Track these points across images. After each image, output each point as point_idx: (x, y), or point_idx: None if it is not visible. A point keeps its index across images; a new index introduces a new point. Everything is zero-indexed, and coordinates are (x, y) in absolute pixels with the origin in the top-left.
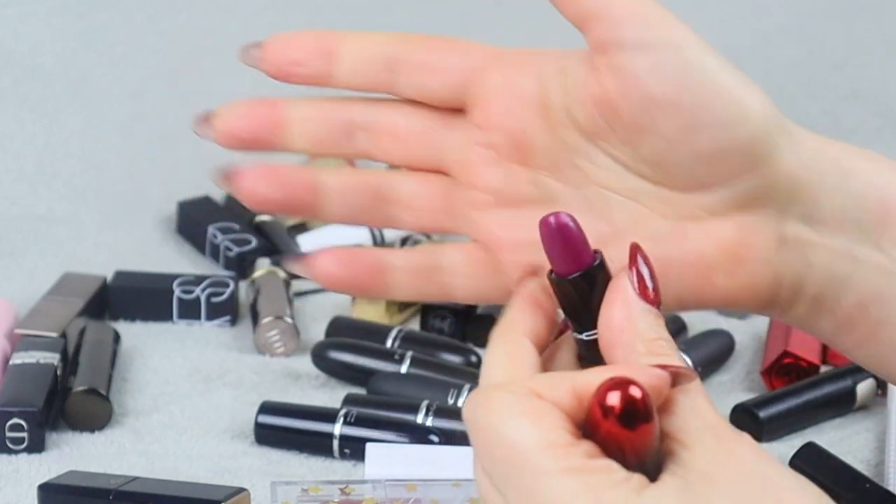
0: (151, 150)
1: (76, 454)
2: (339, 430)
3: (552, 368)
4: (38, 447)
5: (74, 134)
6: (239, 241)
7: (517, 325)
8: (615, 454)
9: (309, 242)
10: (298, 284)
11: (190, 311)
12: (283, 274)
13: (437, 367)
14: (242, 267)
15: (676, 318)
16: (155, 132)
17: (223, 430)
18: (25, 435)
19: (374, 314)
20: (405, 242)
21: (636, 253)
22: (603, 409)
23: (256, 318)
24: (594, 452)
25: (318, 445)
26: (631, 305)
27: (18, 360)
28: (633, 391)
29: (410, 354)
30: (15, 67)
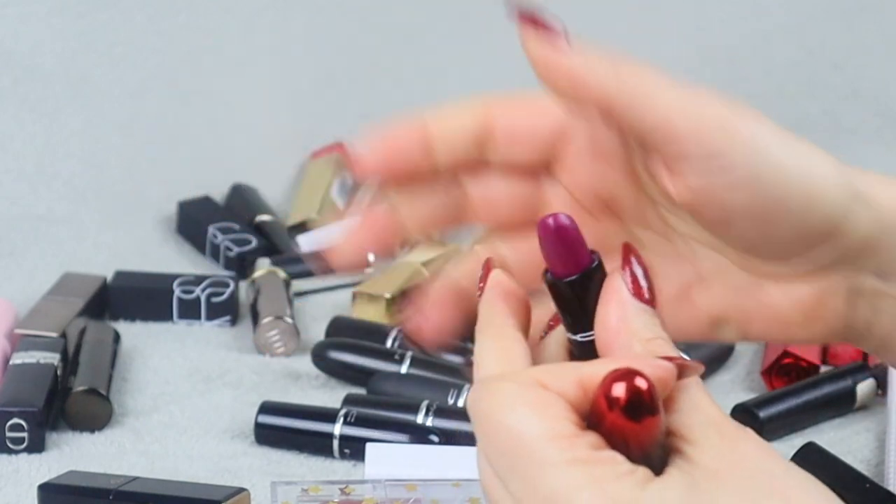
0: (151, 150)
1: (76, 454)
2: (339, 430)
3: (540, 362)
4: (38, 447)
5: (74, 134)
6: (239, 241)
7: (499, 316)
8: (620, 446)
9: (309, 242)
10: (298, 284)
11: (190, 311)
12: (283, 274)
13: (437, 367)
14: (242, 267)
15: None
16: (155, 132)
17: (223, 430)
18: (25, 435)
19: (374, 314)
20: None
21: (629, 253)
22: (608, 400)
23: (256, 318)
24: (599, 444)
25: (318, 445)
26: (626, 306)
27: (18, 360)
28: (638, 382)
29: (410, 354)
30: (15, 67)
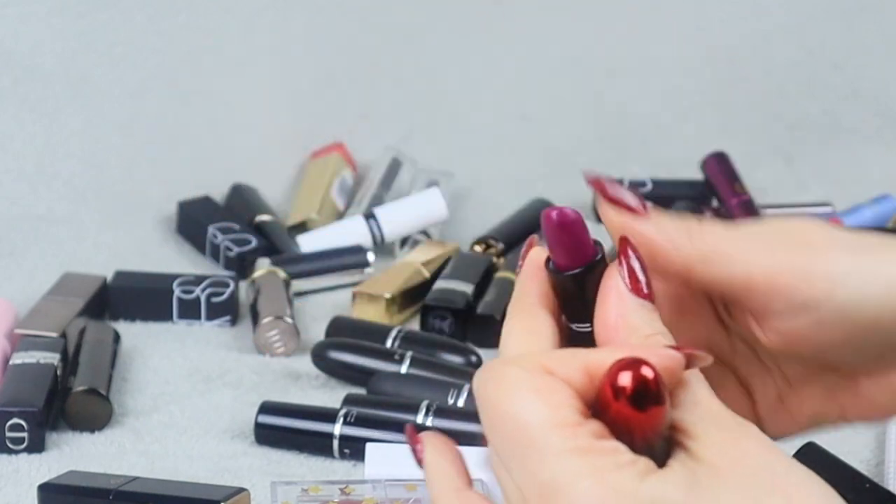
0: (151, 150)
1: (76, 454)
2: (339, 430)
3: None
4: (38, 447)
5: (74, 134)
6: (239, 241)
7: (531, 295)
8: (623, 435)
9: (309, 242)
10: (298, 284)
11: (190, 311)
12: (283, 274)
13: (437, 367)
14: (242, 267)
15: None
16: (155, 132)
17: (223, 430)
18: (25, 435)
19: (374, 314)
20: (405, 243)
21: (626, 247)
22: (614, 389)
23: (256, 318)
24: (602, 433)
25: (318, 445)
26: (624, 302)
27: (18, 360)
28: (645, 372)
29: (410, 354)
30: (15, 67)
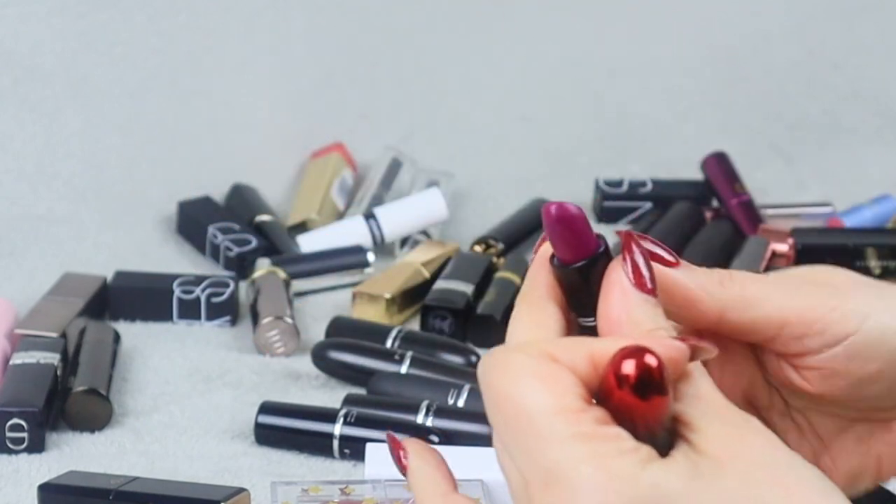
0: (151, 150)
1: (76, 454)
2: (339, 430)
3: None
4: (38, 447)
5: (74, 134)
6: (239, 241)
7: (539, 288)
8: (626, 424)
9: (309, 242)
10: (298, 284)
11: (190, 311)
12: (283, 274)
13: (437, 367)
14: (242, 267)
15: None
16: (155, 132)
17: (223, 430)
18: (25, 435)
19: (374, 314)
20: (405, 243)
21: (630, 241)
22: (617, 377)
23: (256, 318)
24: (605, 419)
25: (318, 445)
26: (627, 297)
27: (18, 360)
28: (648, 360)
29: (410, 354)
30: (15, 67)
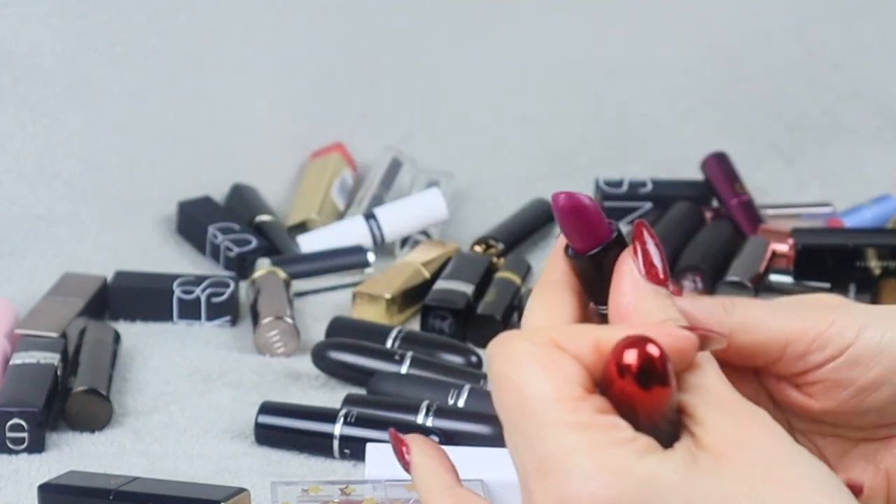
0: (151, 150)
1: (76, 454)
2: (339, 430)
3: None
4: (38, 447)
5: (74, 134)
6: (239, 241)
7: (556, 273)
8: (628, 414)
9: (309, 242)
10: (298, 284)
11: (190, 311)
12: (283, 274)
13: (437, 367)
14: (242, 267)
15: None
16: (155, 132)
17: (223, 430)
18: (25, 435)
19: (374, 314)
20: (405, 243)
21: (641, 231)
22: (619, 366)
23: (256, 318)
24: (604, 408)
25: (318, 445)
26: (638, 287)
27: (19, 360)
28: (650, 350)
29: (410, 354)
30: (15, 67)
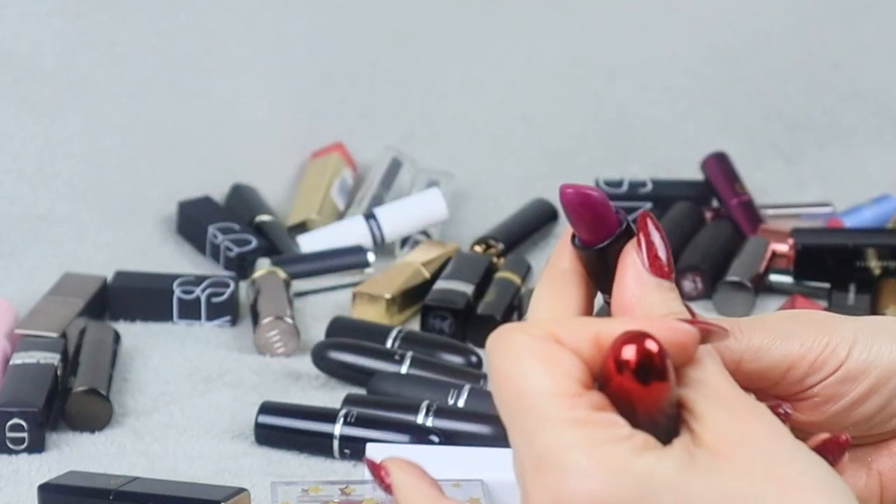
0: (151, 150)
1: (76, 454)
2: (339, 430)
3: None
4: (38, 447)
5: (74, 134)
6: (239, 241)
7: (563, 261)
8: (626, 409)
9: (309, 242)
10: (298, 284)
11: (190, 311)
12: (283, 274)
13: (437, 367)
14: (242, 267)
15: None
16: (155, 132)
17: (223, 430)
18: (25, 435)
19: (374, 314)
20: (405, 243)
21: (646, 223)
22: (617, 362)
23: (256, 318)
24: (602, 405)
25: (318, 445)
26: (641, 280)
27: (19, 360)
28: (649, 345)
29: (410, 354)
30: (15, 67)
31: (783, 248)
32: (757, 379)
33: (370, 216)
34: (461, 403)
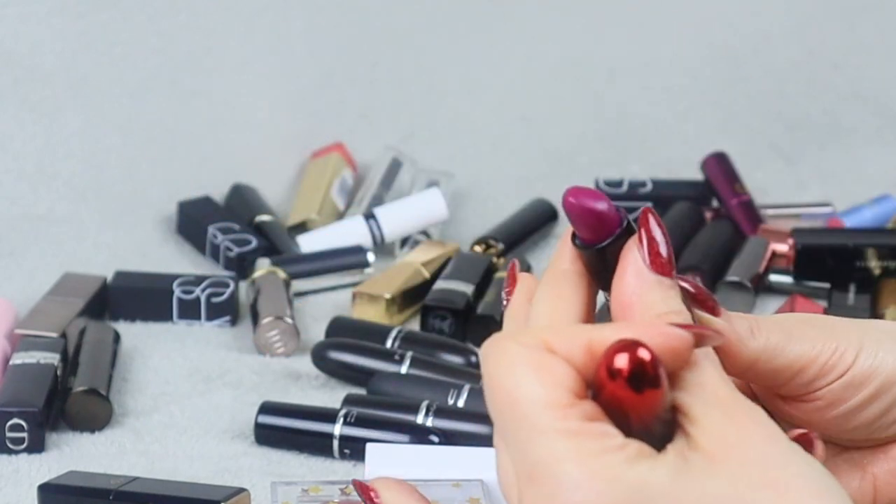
0: (151, 150)
1: (76, 454)
2: (339, 430)
3: None
4: (38, 447)
5: (74, 134)
6: (239, 241)
7: (564, 260)
8: (620, 418)
9: (309, 242)
10: (298, 284)
11: (190, 311)
12: (283, 274)
13: (437, 367)
14: (242, 267)
15: None
16: (155, 132)
17: (223, 430)
18: (25, 435)
19: (374, 314)
20: (405, 243)
21: (647, 219)
22: (610, 371)
23: (256, 318)
24: (594, 415)
25: (318, 445)
26: (641, 278)
27: (18, 360)
28: (641, 354)
29: (410, 354)
30: (15, 67)
31: (783, 248)
32: (768, 378)
33: (370, 216)
34: (461, 403)
